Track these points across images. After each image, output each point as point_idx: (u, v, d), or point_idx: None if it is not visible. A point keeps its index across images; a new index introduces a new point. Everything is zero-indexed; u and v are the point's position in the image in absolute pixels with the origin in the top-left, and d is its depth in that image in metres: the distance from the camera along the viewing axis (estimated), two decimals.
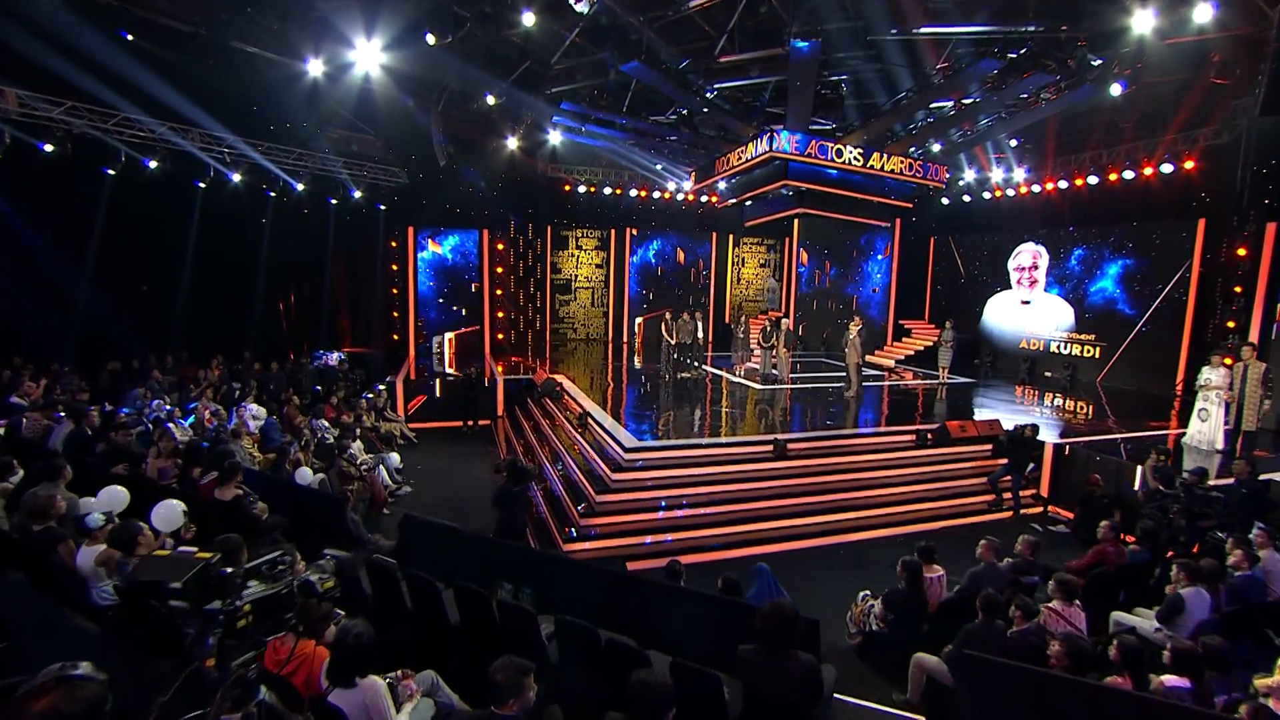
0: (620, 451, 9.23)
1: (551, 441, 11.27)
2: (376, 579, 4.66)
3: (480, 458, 12.52)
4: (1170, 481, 7.93)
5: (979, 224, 19.89)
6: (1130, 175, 15.33)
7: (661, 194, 22.31)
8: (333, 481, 8.93)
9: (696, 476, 9.03)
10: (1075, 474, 9.74)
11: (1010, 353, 18.70)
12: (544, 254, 22.18)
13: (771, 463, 9.39)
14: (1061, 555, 8.18)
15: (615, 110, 14.76)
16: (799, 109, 12.34)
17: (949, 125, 13.21)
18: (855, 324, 13.58)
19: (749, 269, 24.71)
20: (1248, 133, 13.54)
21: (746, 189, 16.36)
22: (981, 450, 10.62)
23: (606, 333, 23.49)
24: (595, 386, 14.59)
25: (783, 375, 15.10)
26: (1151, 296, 15.43)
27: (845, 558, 8.29)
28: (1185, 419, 12.51)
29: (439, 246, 19.73)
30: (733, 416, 11.77)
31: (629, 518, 8.34)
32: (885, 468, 9.83)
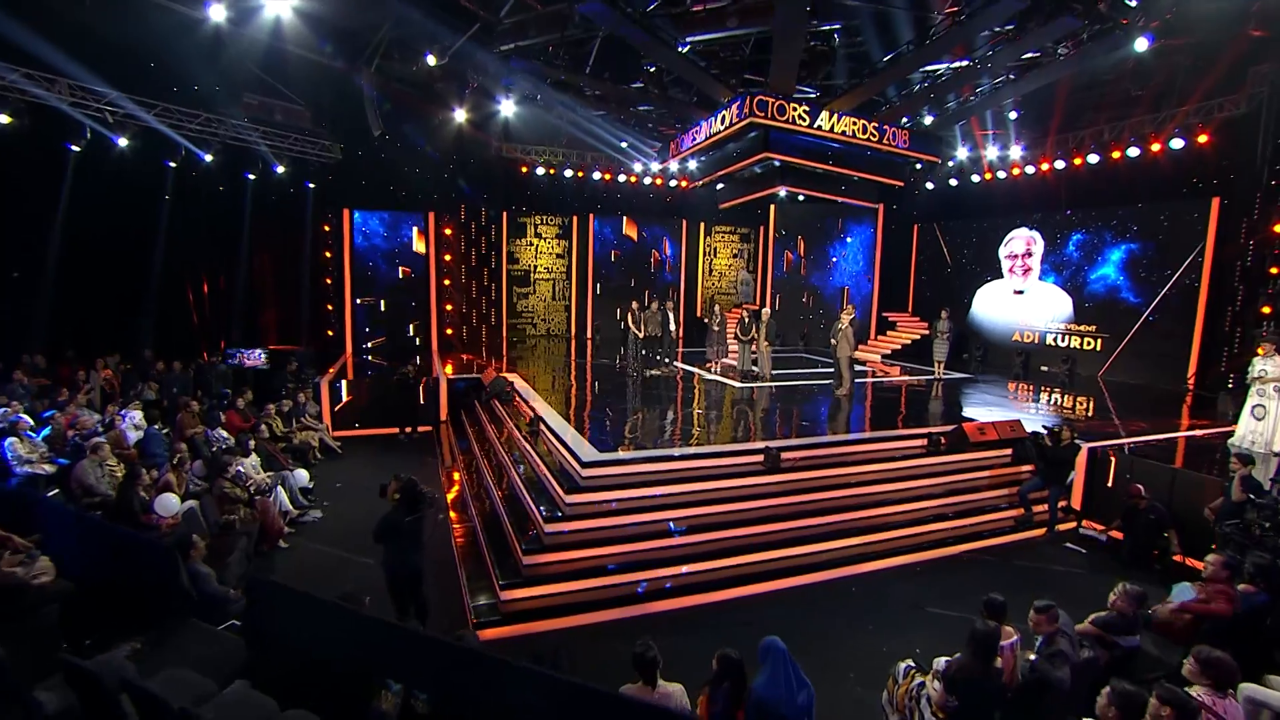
0: (577, 468, 7.45)
1: (498, 454, 9.43)
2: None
3: (416, 470, 10.53)
4: (1260, 490, 6.46)
5: (967, 209, 18.59)
6: (1135, 152, 14.07)
7: (628, 177, 20.54)
8: (208, 509, 6.98)
9: (672, 497, 7.30)
10: (1114, 483, 8.28)
11: (1002, 346, 17.40)
12: (499, 242, 20.22)
13: (762, 478, 7.71)
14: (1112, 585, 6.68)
15: (577, 72, 12.99)
16: (784, 65, 10.71)
17: (948, 89, 11.72)
18: (847, 313, 12.02)
19: (721, 259, 23.09)
20: (1269, 101, 12.37)
21: (722, 164, 14.69)
22: (1001, 456, 9.11)
23: (569, 328, 21.64)
24: (553, 387, 12.78)
25: (764, 371, 13.49)
26: (1159, 283, 14.20)
27: (859, 596, 6.65)
28: (1202, 415, 11.29)
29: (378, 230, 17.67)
30: (710, 421, 10.06)
31: (587, 554, 6.57)
32: (895, 480, 8.23)
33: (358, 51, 13.38)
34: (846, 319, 12.02)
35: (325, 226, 16.89)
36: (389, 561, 5.16)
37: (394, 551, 5.15)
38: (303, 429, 10.90)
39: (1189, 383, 13.64)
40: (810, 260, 21.62)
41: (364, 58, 13.54)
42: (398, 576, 5.17)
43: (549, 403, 10.68)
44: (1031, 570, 7.35)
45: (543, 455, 8.13)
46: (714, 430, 9.40)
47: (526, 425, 9.46)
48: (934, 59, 10.60)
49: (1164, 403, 12.70)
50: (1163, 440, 9.43)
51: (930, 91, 11.90)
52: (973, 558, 7.61)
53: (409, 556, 5.19)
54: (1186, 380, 13.67)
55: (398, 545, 5.13)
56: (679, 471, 7.64)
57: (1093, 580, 7.12)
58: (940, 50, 10.24)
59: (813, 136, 12.06)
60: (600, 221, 21.10)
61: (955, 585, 6.93)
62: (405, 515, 5.11)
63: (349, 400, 12.72)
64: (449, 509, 8.37)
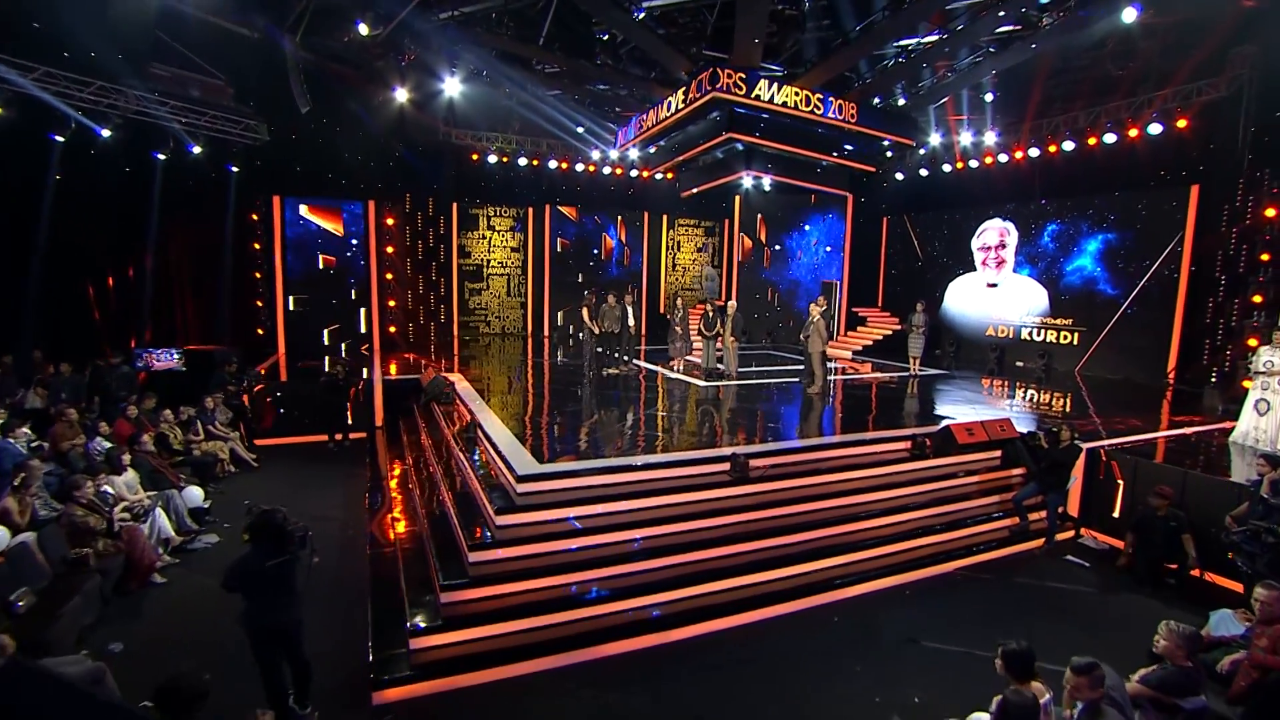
0: (511, 482, 6.33)
1: (431, 466, 8.25)
2: None
3: (341, 484, 9.39)
4: None
5: (938, 200, 17.93)
6: (1112, 139, 13.49)
7: (586, 166, 19.42)
8: (51, 542, 5.68)
9: (622, 516, 6.23)
10: (1113, 486, 7.48)
11: (975, 341, 16.78)
12: (449, 234, 18.91)
13: (727, 490, 6.69)
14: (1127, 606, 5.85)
15: (525, 43, 11.86)
16: (748, 31, 9.74)
17: (924, 63, 10.89)
18: (818, 305, 11.11)
19: (685, 254, 22.12)
20: (1250, 84, 11.85)
21: (683, 149, 13.73)
22: (990, 459, 8.27)
23: (525, 326, 20.43)
24: (500, 388, 11.61)
25: (730, 369, 12.52)
26: (1138, 274, 13.66)
27: (842, 629, 5.67)
28: (1187, 411, 10.66)
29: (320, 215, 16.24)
30: (670, 424, 9.02)
31: (521, 587, 5.46)
32: (877, 489, 7.29)
33: (280, 18, 12.04)
34: (818, 311, 11.14)
35: (253, 215, 15.41)
36: (251, 616, 3.98)
37: (257, 605, 3.98)
38: (209, 439, 9.54)
39: (1169, 377, 13.10)
40: (777, 254, 20.81)
41: (287, 25, 12.19)
42: (263, 634, 4.00)
43: (491, 406, 9.53)
44: (1034, 589, 6.48)
45: (477, 467, 6.99)
46: (675, 435, 8.35)
47: (462, 432, 8.32)
48: (909, 28, 9.75)
49: (1145, 398, 12.11)
50: (1156, 439, 8.69)
51: (905, 67, 11.06)
52: (968, 576, 6.72)
53: (279, 610, 4.02)
54: (1167, 374, 13.13)
55: (261, 597, 3.96)
56: (630, 485, 6.57)
57: (1104, 600, 6.29)
58: (916, 17, 9.41)
59: (779, 114, 11.16)
60: (557, 213, 19.96)
61: (952, 611, 6.01)
62: (266, 559, 3.93)
63: (269, 404, 11.35)
64: (372, 532, 7.17)
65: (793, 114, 11.00)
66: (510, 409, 9.64)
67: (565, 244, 20.17)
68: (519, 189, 19.53)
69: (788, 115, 11.09)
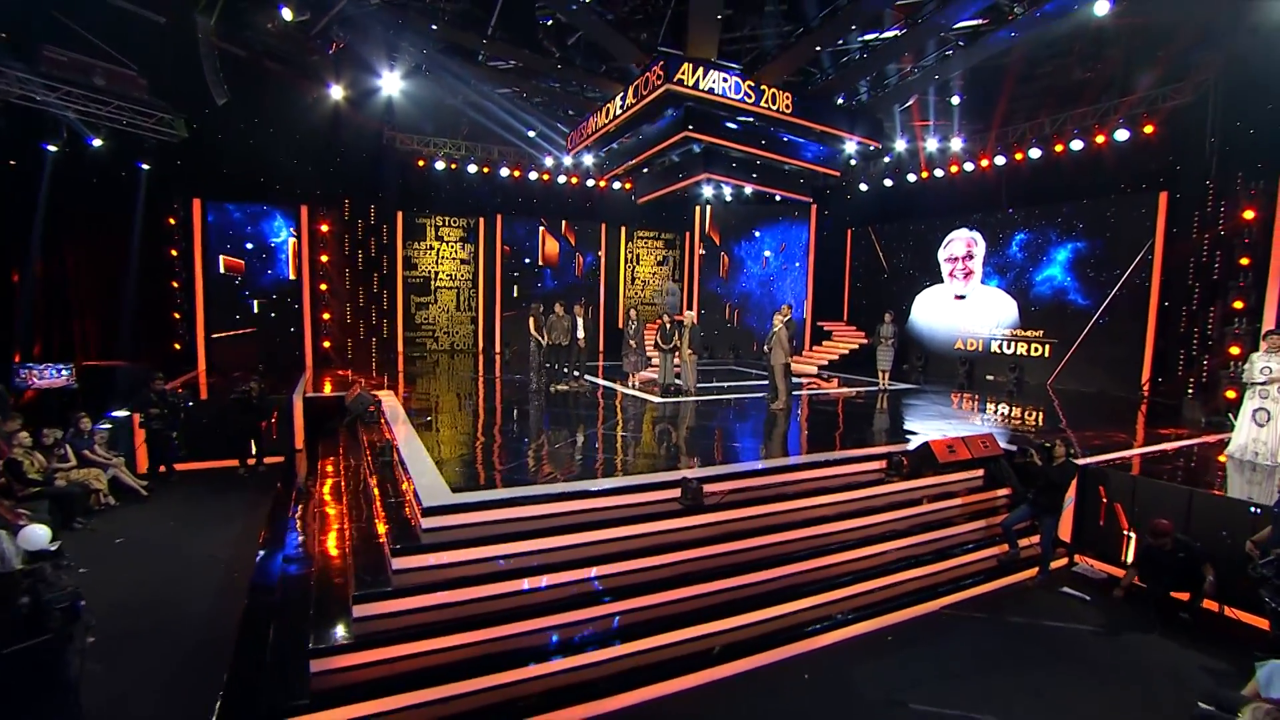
0: (418, 516, 5.25)
1: (342, 495, 7.09)
2: None
3: (243, 516, 8.11)
4: None
5: (903, 210, 17.43)
6: (1079, 145, 13.09)
7: (540, 174, 18.49)
8: None
9: (551, 555, 5.19)
10: (1104, 507, 6.70)
11: (944, 355, 16.20)
12: (393, 244, 17.74)
13: (678, 520, 5.70)
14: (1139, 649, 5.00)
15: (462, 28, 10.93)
16: (703, 13, 8.96)
17: (889, 57, 10.27)
18: (782, 314, 10.28)
19: (645, 267, 21.27)
20: (1215, 90, 11.54)
21: (638, 150, 12.90)
22: (973, 479, 7.45)
23: (476, 342, 19.28)
24: (434, 407, 10.49)
25: (688, 384, 11.59)
26: (1109, 283, 13.19)
27: (813, 689, 4.69)
28: (1167, 424, 10.05)
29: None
30: (617, 445, 8.00)
31: (418, 648, 4.37)
32: (850, 515, 6.37)
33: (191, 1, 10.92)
34: (781, 321, 10.30)
35: (170, 219, 14.08)
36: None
37: None
38: (83, 465, 8.20)
39: (1144, 389, 12.60)
40: (740, 266, 20.11)
41: (200, 8, 11.06)
42: None
43: (418, 426, 8.41)
44: (1031, 630, 5.60)
45: (386, 498, 5.88)
46: (620, 458, 7.34)
47: (378, 456, 7.19)
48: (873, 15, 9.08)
49: (1121, 411, 11.52)
50: (1133, 455, 7.96)
51: (869, 62, 10.42)
52: (955, 615, 5.81)
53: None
54: (1142, 387, 12.62)
55: None
56: (561, 517, 5.53)
57: (1113, 642, 5.42)
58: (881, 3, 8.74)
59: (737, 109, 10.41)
60: (509, 224, 18.96)
61: (941, 660, 5.09)
62: None
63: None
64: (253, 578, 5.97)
65: (751, 109, 10.25)
66: (440, 430, 8.53)
67: (507, 250, 19.09)
68: (470, 198, 18.53)
69: (746, 111, 10.33)
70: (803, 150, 12.27)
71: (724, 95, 9.94)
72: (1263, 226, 9.86)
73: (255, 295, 14.91)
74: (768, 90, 10.17)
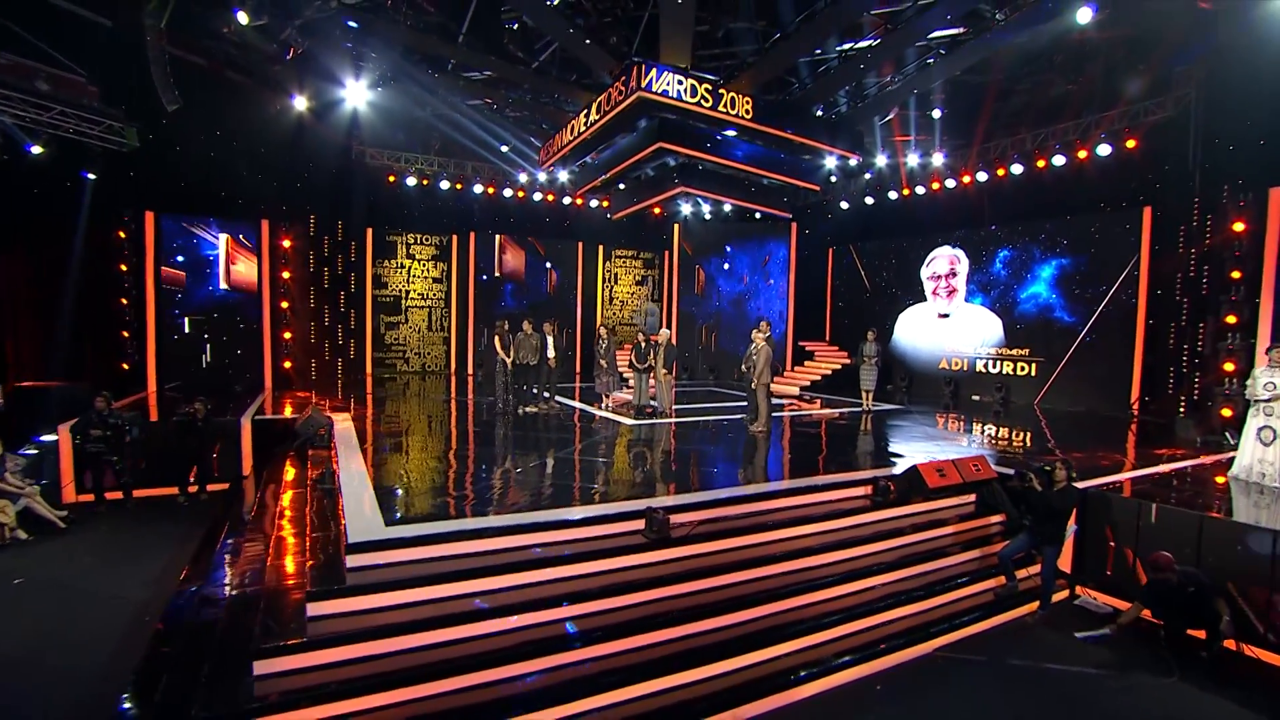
0: (342, 552, 4.60)
1: (277, 524, 6.40)
2: None
3: (171, 550, 7.34)
4: None
5: (885, 228, 17.16)
6: (1061, 161, 12.87)
7: (515, 191, 18.03)
8: None
9: (496, 597, 4.56)
10: (1124, 537, 6.19)
11: (929, 375, 15.80)
12: (361, 262, 17.14)
13: (643, 555, 5.10)
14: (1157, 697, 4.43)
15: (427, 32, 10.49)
16: (676, 20, 8.58)
17: (867, 66, 9.95)
18: (761, 330, 9.79)
19: (623, 287, 20.79)
20: (1196, 103, 11.37)
21: (611, 164, 12.47)
22: (964, 504, 6.92)
23: (448, 363, 18.63)
24: (391, 430, 9.83)
25: (664, 406, 11.04)
26: (1094, 300, 12.90)
27: None
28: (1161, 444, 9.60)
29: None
30: (580, 471, 7.39)
31: (336, 710, 3.71)
32: (833, 547, 5.80)
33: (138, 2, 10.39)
34: (761, 338, 9.80)
35: (121, 233, 13.38)
36: None
37: None
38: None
39: (1133, 407, 12.23)
40: (719, 285, 19.69)
41: (149, 9, 10.53)
42: None
43: (368, 451, 7.76)
44: (1035, 675, 5.04)
45: (314, 531, 5.23)
46: (587, 486, 6.73)
47: (318, 483, 6.54)
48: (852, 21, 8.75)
49: (1111, 431, 11.12)
50: (1146, 476, 7.50)
51: (848, 72, 10.10)
52: (950, 658, 5.23)
53: None
54: (1131, 405, 12.26)
55: None
56: (510, 553, 4.91)
57: (1127, 688, 4.87)
58: (861, 6, 8.41)
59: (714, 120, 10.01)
60: (483, 242, 18.44)
61: (938, 713, 4.50)
62: None
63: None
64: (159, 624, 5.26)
65: (725, 119, 9.85)
66: (390, 455, 7.88)
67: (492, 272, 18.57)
68: (443, 216, 18.01)
69: (720, 121, 9.94)
70: (780, 163, 11.89)
71: (697, 104, 9.52)
72: (1253, 239, 9.59)
73: (196, 311, 14.13)
74: (726, 94, 9.68)
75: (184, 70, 12.01)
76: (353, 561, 4.50)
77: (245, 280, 14.56)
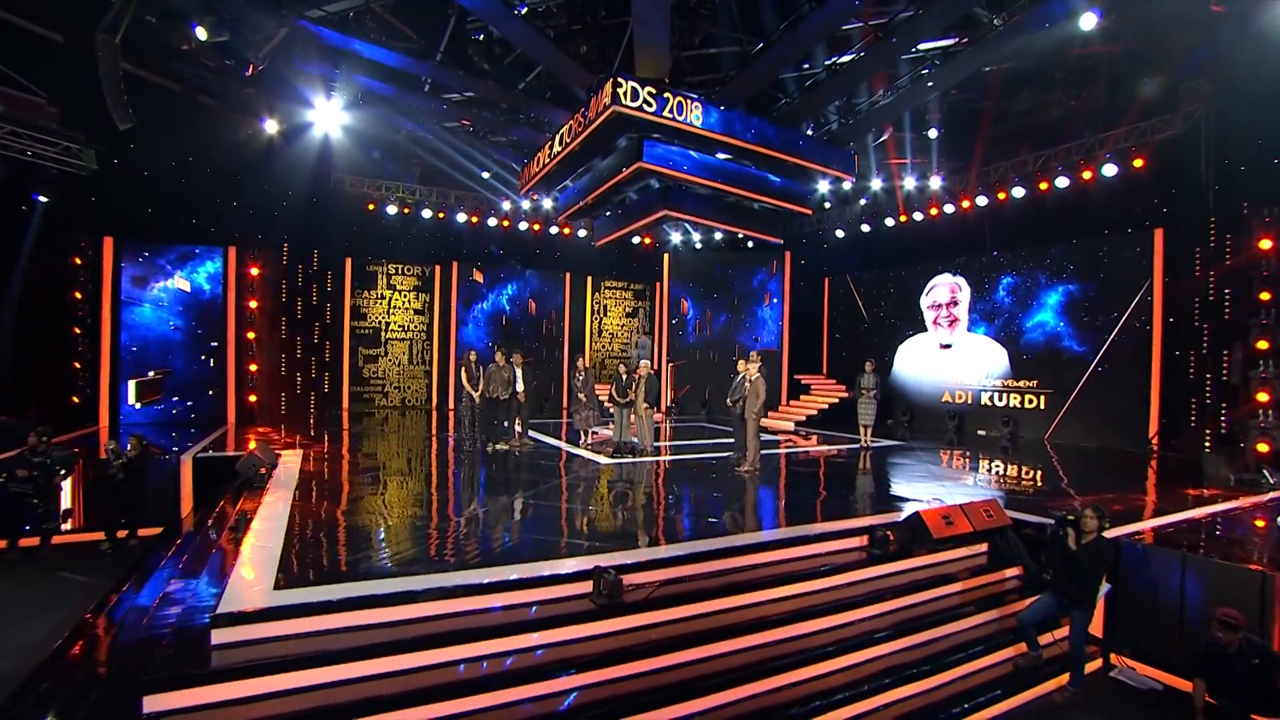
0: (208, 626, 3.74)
1: (155, 588, 5.51)
2: None
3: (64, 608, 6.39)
4: None
5: (882, 257, 16.48)
6: (1065, 183, 12.24)
7: (499, 220, 17.47)
8: None
9: (403, 681, 3.67)
10: (1165, 596, 5.29)
11: (931, 408, 14.94)
12: (339, 292, 16.47)
13: (591, 625, 4.22)
14: None
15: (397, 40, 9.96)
16: (651, 29, 7.99)
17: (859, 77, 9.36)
18: (751, 361, 9.00)
19: (612, 319, 20.09)
20: (1207, 119, 10.78)
21: (592, 187, 11.83)
22: (974, 555, 6.03)
23: (430, 398, 17.83)
24: (342, 470, 8.98)
25: (644, 443, 10.19)
26: (1105, 328, 12.12)
27: None
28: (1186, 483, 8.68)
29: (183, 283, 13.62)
30: (537, 521, 6.50)
31: None
32: (820, 613, 4.90)
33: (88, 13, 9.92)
34: (754, 369, 8.99)
35: (77, 259, 12.75)
36: None
37: None
38: None
39: (1152, 442, 11.35)
40: (712, 317, 18.97)
41: (104, 25, 10.05)
42: None
43: (300, 493, 6.91)
44: None
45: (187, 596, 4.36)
46: (539, 537, 5.86)
47: (231, 530, 5.69)
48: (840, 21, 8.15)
49: (1130, 469, 10.24)
50: (1182, 522, 6.60)
51: (838, 84, 9.50)
52: None
53: None
54: (1150, 440, 11.37)
55: None
56: (425, 623, 4.03)
57: None
58: (845, 11, 7.83)
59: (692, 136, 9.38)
60: (467, 271, 17.84)
61: None
62: None
63: None
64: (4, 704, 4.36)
65: (708, 135, 9.22)
66: (325, 499, 7.02)
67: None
68: (423, 244, 17.42)
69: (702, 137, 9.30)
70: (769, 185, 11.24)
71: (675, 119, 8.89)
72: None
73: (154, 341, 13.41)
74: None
75: (151, 93, 11.62)
76: (222, 636, 3.63)
77: (208, 309, 13.86)
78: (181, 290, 13.62)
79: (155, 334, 13.36)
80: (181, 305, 13.63)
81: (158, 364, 13.32)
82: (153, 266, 13.39)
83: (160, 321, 13.43)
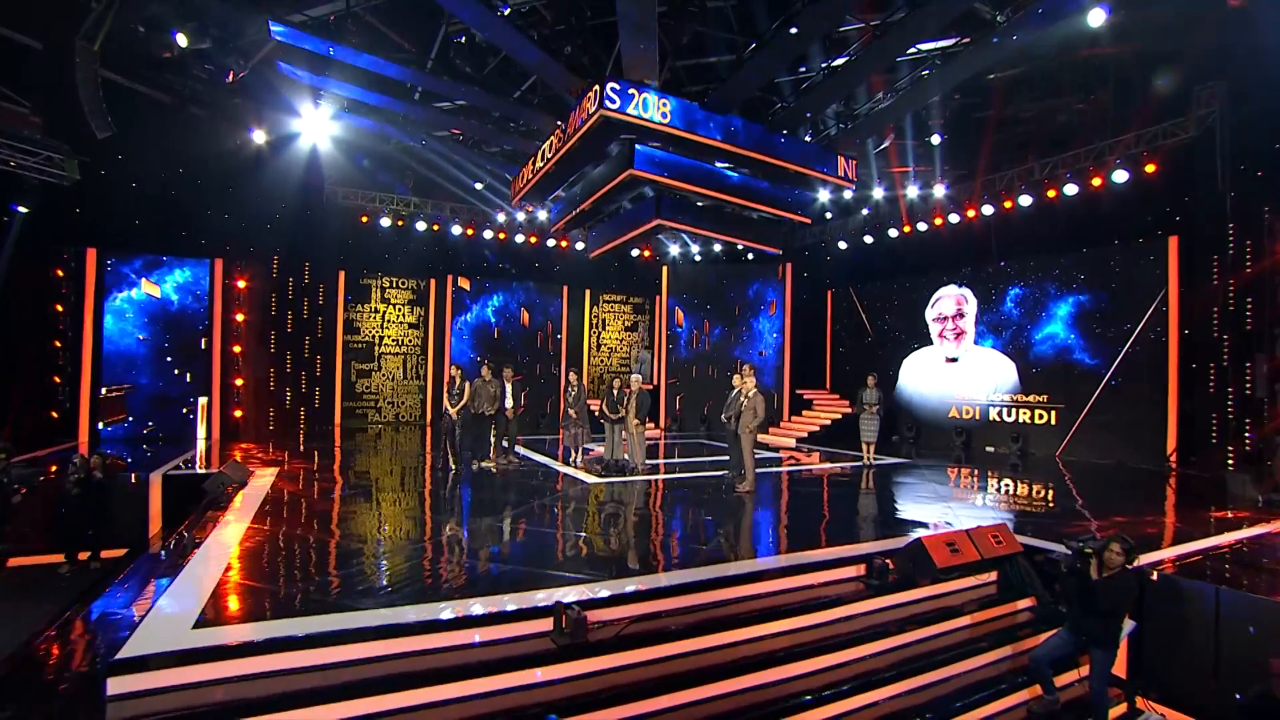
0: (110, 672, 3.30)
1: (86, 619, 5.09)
2: None
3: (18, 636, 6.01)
4: None
5: (886, 268, 16.03)
6: (1074, 190, 11.81)
7: (495, 232, 17.16)
8: None
9: None
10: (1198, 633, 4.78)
11: (937, 424, 14.42)
12: (332, 306, 16.15)
13: (551, 668, 3.76)
14: None
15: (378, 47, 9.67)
16: (638, 30, 7.66)
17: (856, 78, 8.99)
18: (747, 374, 8.57)
19: (611, 333, 19.69)
20: (1222, 122, 10.35)
21: (583, 196, 11.50)
22: (983, 585, 5.53)
23: (424, 413, 17.45)
24: (312, 489, 8.57)
25: (635, 461, 9.73)
26: (1118, 340, 11.63)
27: None
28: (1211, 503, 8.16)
29: (153, 287, 13.35)
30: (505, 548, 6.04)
31: None
32: (811, 653, 4.41)
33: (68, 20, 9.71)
34: (750, 384, 8.54)
35: (59, 271, 12.49)
36: None
37: None
38: None
39: (1170, 460, 10.81)
40: (712, 331, 18.55)
41: (83, 32, 9.83)
42: None
43: (260, 514, 6.49)
44: None
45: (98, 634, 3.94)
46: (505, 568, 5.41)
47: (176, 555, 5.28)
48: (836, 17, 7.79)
49: (1148, 488, 9.71)
50: (1210, 549, 6.09)
51: (835, 86, 9.13)
52: None
53: None
54: (1168, 458, 10.83)
55: None
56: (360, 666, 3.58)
57: None
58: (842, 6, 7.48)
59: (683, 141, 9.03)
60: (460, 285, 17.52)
61: None
62: None
63: None
64: None
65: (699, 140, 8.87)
66: (283, 521, 6.59)
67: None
68: (418, 257, 17.11)
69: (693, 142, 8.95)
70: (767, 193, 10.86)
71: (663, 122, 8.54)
72: None
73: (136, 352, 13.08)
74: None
75: (137, 103, 11.43)
76: (120, 686, 3.19)
77: (191, 322, 13.54)
78: (167, 301, 13.33)
79: (135, 348, 13.03)
80: (163, 318, 13.32)
81: (138, 379, 12.98)
82: (134, 278, 13.09)
83: (149, 335, 13.12)
